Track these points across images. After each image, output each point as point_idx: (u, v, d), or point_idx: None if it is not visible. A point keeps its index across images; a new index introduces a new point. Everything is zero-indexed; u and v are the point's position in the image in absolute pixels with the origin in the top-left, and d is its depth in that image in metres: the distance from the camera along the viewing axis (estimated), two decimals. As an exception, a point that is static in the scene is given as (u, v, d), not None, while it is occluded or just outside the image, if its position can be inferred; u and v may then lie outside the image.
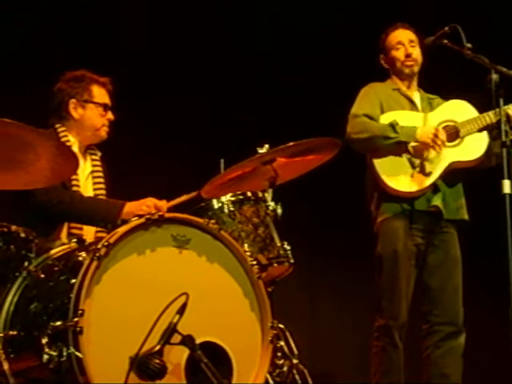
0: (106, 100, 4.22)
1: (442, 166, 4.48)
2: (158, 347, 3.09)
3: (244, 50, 6.11)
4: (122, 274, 3.18)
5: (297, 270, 3.92)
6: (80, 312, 3.03)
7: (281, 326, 3.79)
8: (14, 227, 3.39)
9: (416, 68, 4.70)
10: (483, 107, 4.46)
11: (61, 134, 4.11)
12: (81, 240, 3.55)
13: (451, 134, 4.53)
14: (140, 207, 3.89)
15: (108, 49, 5.53)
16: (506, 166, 3.82)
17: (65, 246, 3.51)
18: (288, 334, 3.96)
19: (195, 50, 5.90)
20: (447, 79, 5.34)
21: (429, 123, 4.55)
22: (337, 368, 5.99)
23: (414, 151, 4.48)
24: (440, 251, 4.53)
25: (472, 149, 4.52)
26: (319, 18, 6.17)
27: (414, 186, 4.45)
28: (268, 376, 3.49)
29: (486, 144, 4.50)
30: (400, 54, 4.67)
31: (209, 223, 3.41)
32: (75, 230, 3.99)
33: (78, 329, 3.01)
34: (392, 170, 4.47)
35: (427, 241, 4.51)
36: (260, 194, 3.92)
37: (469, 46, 4.13)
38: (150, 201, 3.93)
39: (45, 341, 3.06)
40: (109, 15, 5.65)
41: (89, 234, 3.98)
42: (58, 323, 3.06)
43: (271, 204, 3.90)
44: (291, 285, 4.57)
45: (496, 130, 4.27)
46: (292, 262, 3.85)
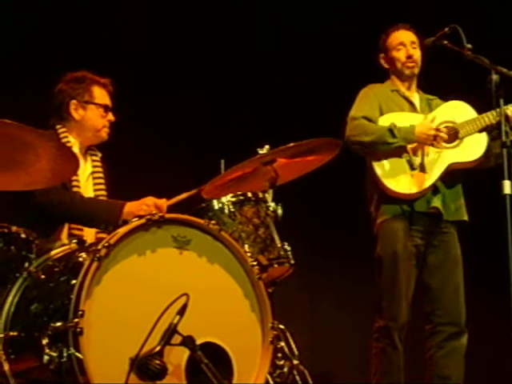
0: (107, 101, 4.22)
1: (441, 167, 4.48)
2: (158, 348, 3.09)
3: (244, 50, 6.10)
4: (122, 274, 3.18)
5: (297, 270, 3.92)
6: (80, 313, 3.03)
7: (281, 326, 3.78)
8: (14, 228, 3.38)
9: (416, 70, 4.70)
10: (482, 108, 4.45)
11: (61, 135, 4.11)
12: (81, 241, 3.55)
13: (450, 135, 4.52)
14: (140, 207, 3.89)
15: (108, 49, 5.53)
16: (506, 167, 3.82)
17: (65, 247, 3.50)
18: (288, 335, 3.96)
19: (195, 50, 5.90)
20: (447, 80, 5.34)
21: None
22: (337, 368, 5.98)
23: (413, 151, 4.48)
24: (440, 251, 4.53)
25: (471, 150, 4.51)
26: (319, 18, 6.17)
27: (413, 188, 4.45)
28: (268, 377, 3.48)
29: (485, 145, 4.50)
30: (401, 54, 4.66)
31: (209, 224, 3.40)
32: (76, 231, 3.98)
33: (78, 329, 3.01)
34: (391, 171, 4.47)
35: (427, 242, 4.51)
36: (260, 195, 3.91)
37: (469, 46, 4.13)
38: (149, 200, 3.93)
39: (45, 341, 3.05)
40: (109, 15, 5.65)
41: (89, 235, 3.98)
42: (59, 324, 3.06)
43: (272, 205, 3.89)
44: (291, 285, 4.58)
45: (496, 130, 4.27)
46: (292, 262, 3.85)
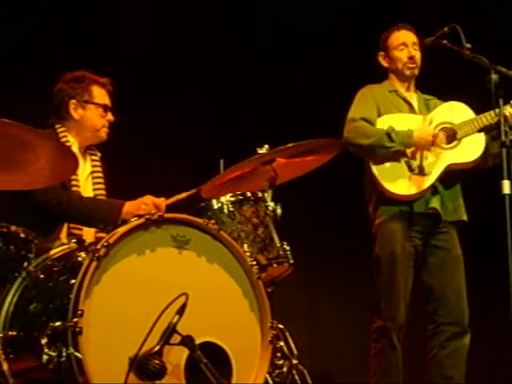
0: (106, 101, 4.22)
1: (439, 168, 4.47)
2: (157, 347, 3.09)
3: (244, 50, 6.10)
4: (121, 274, 3.18)
5: (296, 270, 3.91)
6: (79, 312, 3.03)
7: (280, 326, 3.79)
8: (13, 227, 3.39)
9: (416, 71, 4.69)
10: (482, 108, 4.45)
11: (60, 135, 4.11)
12: (80, 240, 3.56)
13: (449, 136, 4.52)
14: (139, 206, 3.90)
15: (108, 49, 5.53)
16: (505, 167, 3.82)
17: (64, 247, 3.51)
18: (287, 335, 3.96)
19: (195, 50, 5.90)
20: (446, 79, 5.34)
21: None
22: (336, 368, 5.98)
23: (412, 152, 4.48)
24: (440, 251, 4.52)
25: (469, 150, 4.51)
26: (319, 18, 6.17)
27: (412, 189, 4.44)
28: (267, 376, 3.48)
29: (483, 145, 4.49)
30: (403, 55, 4.66)
31: (208, 223, 3.40)
32: (75, 231, 3.98)
33: (77, 329, 3.01)
34: (390, 173, 4.47)
35: (425, 242, 4.51)
36: (260, 195, 3.91)
37: (468, 46, 4.13)
38: (148, 199, 3.93)
39: (44, 341, 3.06)
40: (109, 15, 5.64)
41: (88, 235, 3.98)
42: (58, 324, 3.06)
43: (271, 204, 3.89)
44: (291, 285, 4.57)
45: (495, 130, 4.27)
46: (291, 262, 3.85)
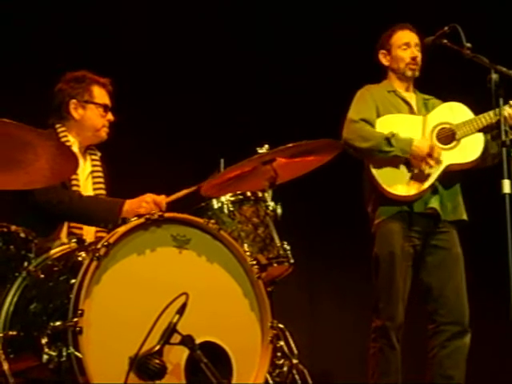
0: (107, 101, 4.22)
1: (438, 168, 4.47)
2: (157, 347, 3.09)
3: (244, 50, 6.10)
4: (121, 274, 3.18)
5: (296, 270, 3.91)
6: (80, 312, 3.03)
7: (280, 325, 3.78)
8: (13, 227, 3.38)
9: (417, 73, 4.70)
10: (482, 107, 4.45)
11: (60, 134, 4.11)
12: (80, 240, 3.55)
13: (447, 136, 4.52)
14: (139, 204, 3.90)
15: (108, 49, 5.53)
16: (505, 166, 3.82)
17: (64, 246, 3.50)
18: (288, 334, 3.95)
19: (195, 50, 5.90)
20: (447, 79, 5.34)
21: (426, 127, 4.54)
22: (336, 368, 5.98)
23: (410, 160, 4.47)
24: (439, 251, 4.52)
25: (468, 151, 4.51)
26: (319, 18, 6.17)
27: (411, 190, 4.45)
28: (268, 376, 3.48)
29: (482, 146, 4.49)
30: (406, 54, 4.66)
31: (208, 223, 3.40)
32: (75, 230, 3.99)
33: (77, 329, 3.01)
34: (389, 174, 4.47)
35: (424, 242, 4.51)
36: (260, 194, 3.91)
37: (468, 45, 4.13)
38: (148, 197, 3.94)
39: (44, 341, 3.05)
40: (109, 15, 5.64)
41: (89, 234, 3.98)
42: (58, 323, 3.06)
43: (271, 204, 3.89)
44: (291, 285, 4.58)
45: (495, 130, 4.27)
46: (292, 261, 3.85)
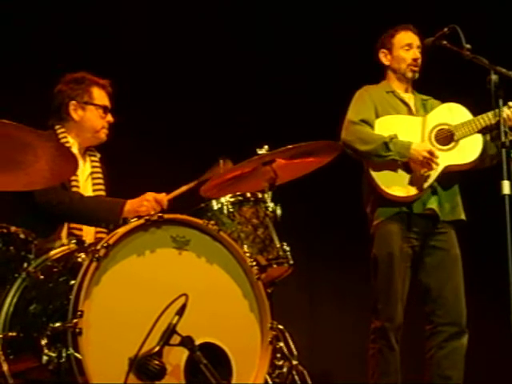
0: (106, 102, 4.22)
1: (437, 169, 4.47)
2: (157, 348, 3.09)
3: (244, 50, 6.10)
4: (121, 275, 3.18)
5: (296, 271, 3.91)
6: (79, 313, 3.03)
7: (280, 326, 3.79)
8: (13, 228, 3.38)
9: (417, 74, 4.70)
10: (481, 108, 4.45)
11: (60, 136, 4.11)
12: (80, 241, 3.55)
13: (446, 137, 4.52)
14: (141, 203, 3.90)
15: (108, 49, 5.53)
16: (505, 167, 3.82)
17: (64, 247, 3.50)
18: (287, 335, 3.96)
19: (195, 50, 5.90)
20: (446, 80, 5.34)
21: (425, 128, 4.54)
22: (336, 369, 5.98)
23: (409, 163, 4.48)
24: (438, 252, 4.53)
25: (467, 152, 4.51)
26: (319, 18, 6.17)
27: (410, 191, 4.45)
28: (267, 377, 3.48)
29: (480, 147, 4.49)
30: (409, 55, 4.66)
31: (208, 224, 3.40)
32: (75, 231, 3.98)
33: (77, 330, 3.01)
34: (388, 175, 4.47)
35: (423, 243, 4.51)
36: (259, 195, 3.91)
37: (468, 46, 4.14)
38: (149, 195, 3.94)
39: (44, 342, 3.05)
40: (109, 15, 5.64)
41: (88, 235, 3.98)
42: (58, 324, 3.06)
43: (271, 205, 3.89)
44: (290, 286, 4.57)
45: (493, 131, 4.27)
46: (291, 263, 3.85)
